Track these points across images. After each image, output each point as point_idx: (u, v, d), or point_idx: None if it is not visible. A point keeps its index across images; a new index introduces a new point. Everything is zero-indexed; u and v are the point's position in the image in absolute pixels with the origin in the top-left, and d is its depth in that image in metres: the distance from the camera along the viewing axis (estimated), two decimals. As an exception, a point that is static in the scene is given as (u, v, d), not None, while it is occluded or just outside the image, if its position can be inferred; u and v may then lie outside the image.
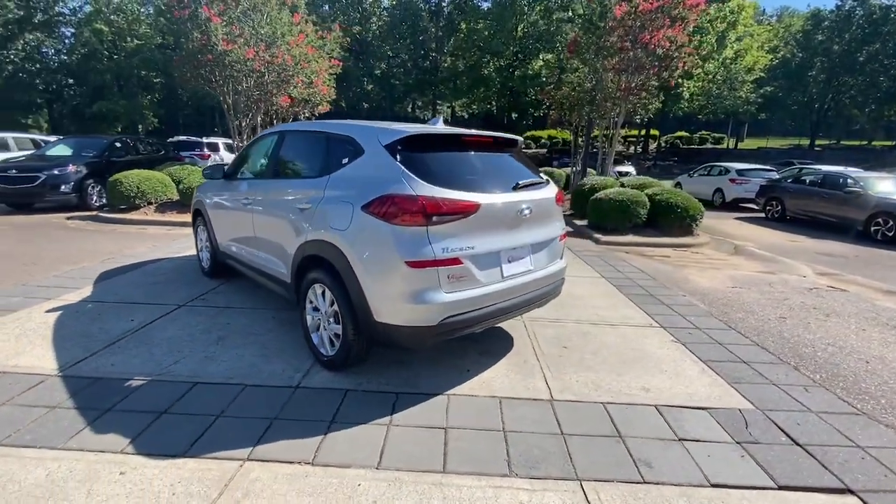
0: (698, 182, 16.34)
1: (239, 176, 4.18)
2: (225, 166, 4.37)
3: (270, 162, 3.73)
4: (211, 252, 4.72)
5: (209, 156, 16.15)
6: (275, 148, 3.71)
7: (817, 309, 4.64)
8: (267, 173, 3.75)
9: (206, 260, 4.93)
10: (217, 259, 4.62)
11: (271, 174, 3.68)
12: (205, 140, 17.64)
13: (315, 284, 2.90)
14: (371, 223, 2.47)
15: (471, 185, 2.65)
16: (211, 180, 4.57)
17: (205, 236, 4.80)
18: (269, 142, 3.83)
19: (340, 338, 2.77)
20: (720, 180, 15.21)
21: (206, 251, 4.85)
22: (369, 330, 2.59)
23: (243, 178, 4.11)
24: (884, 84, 36.30)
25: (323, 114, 13.02)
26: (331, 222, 2.71)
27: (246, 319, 3.79)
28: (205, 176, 4.51)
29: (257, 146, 4.07)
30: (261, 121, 11.53)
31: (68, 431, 2.27)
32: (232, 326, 3.64)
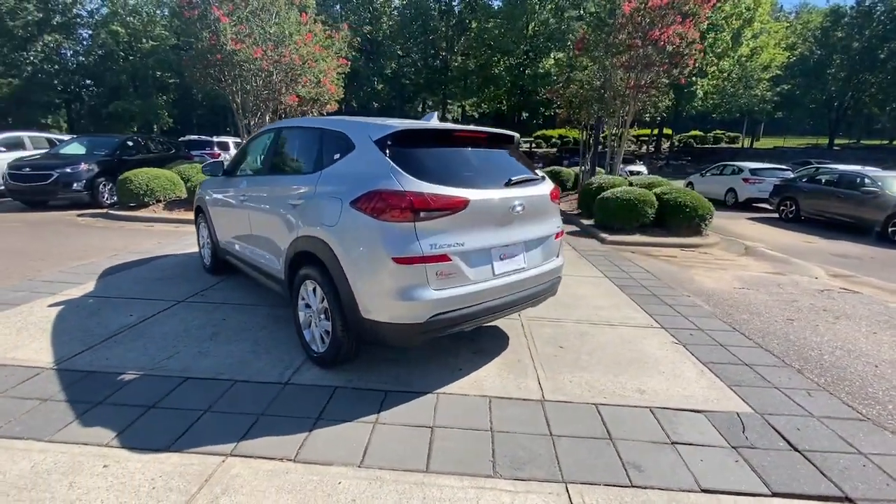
0: (710, 182, 16.05)
1: (238, 173, 4.20)
2: (225, 163, 4.39)
3: (266, 158, 3.74)
4: (212, 249, 4.75)
5: (219, 155, 16.30)
6: (271, 145, 3.72)
7: (827, 311, 4.50)
8: (263, 170, 3.76)
9: (207, 257, 4.96)
10: (217, 256, 4.65)
11: (267, 171, 3.68)
12: (215, 139, 17.86)
13: (306, 281, 2.89)
14: (359, 219, 2.45)
15: (461, 180, 2.61)
16: (212, 177, 4.61)
17: (206, 233, 4.84)
18: (266, 139, 3.84)
19: (330, 335, 2.75)
20: (733, 180, 14.91)
21: (208, 248, 4.89)
22: (357, 327, 2.57)
23: (241, 174, 4.13)
24: (905, 82, 35.29)
25: (331, 112, 13.07)
26: (321, 218, 2.69)
27: (242, 316, 3.81)
28: (204, 172, 4.54)
29: (255, 143, 4.08)
30: (269, 120, 11.60)
31: (57, 424, 2.29)
32: (228, 322, 3.66)
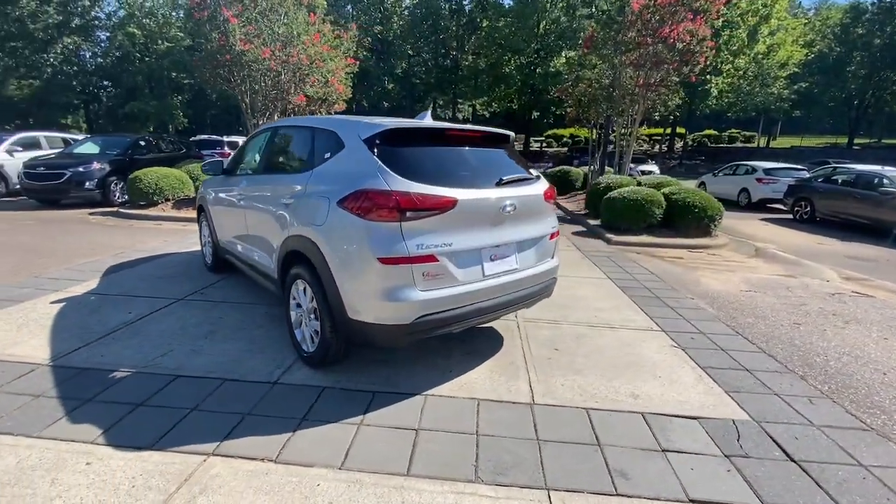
0: (723, 181, 15.73)
1: (237, 172, 4.22)
2: (224, 162, 4.42)
3: (262, 157, 3.75)
4: (212, 247, 4.79)
5: (229, 154, 16.50)
6: (266, 144, 3.73)
7: (837, 315, 4.36)
8: (259, 169, 3.77)
9: (208, 255, 5.01)
10: (218, 254, 4.69)
11: (263, 170, 3.70)
12: (225, 139, 18.08)
13: (297, 280, 2.89)
14: (345, 218, 2.43)
15: (451, 180, 2.57)
16: (213, 176, 4.65)
17: (207, 231, 4.87)
18: (262, 138, 3.85)
19: (319, 335, 2.74)
20: (746, 180, 14.58)
21: (209, 246, 4.93)
22: (345, 328, 2.55)
23: (239, 174, 4.15)
24: (929, 79, 34.28)
25: (339, 112, 13.12)
26: (310, 217, 2.68)
27: (239, 314, 3.82)
28: (203, 171, 4.58)
29: (252, 142, 4.10)
30: (278, 119, 11.71)
31: (46, 420, 2.31)
32: (224, 321, 3.68)
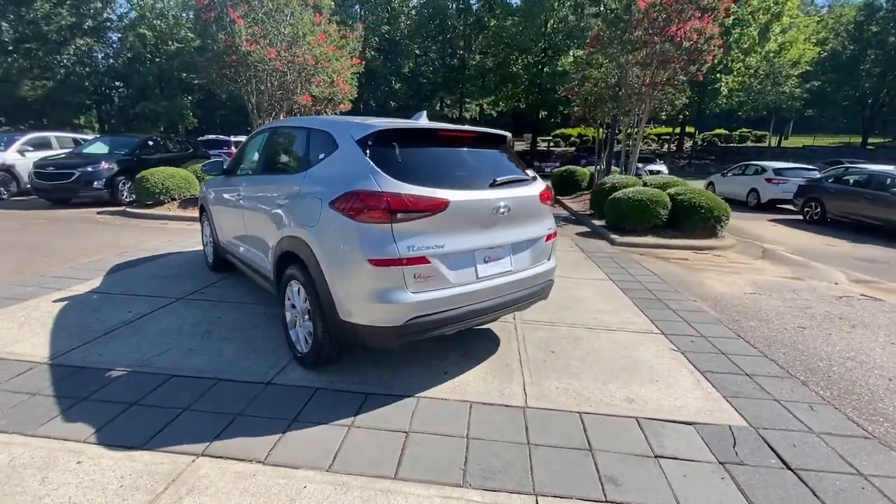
0: (732, 182, 15.54)
1: (237, 172, 4.24)
2: (224, 162, 4.45)
3: (260, 158, 3.77)
4: (213, 247, 4.82)
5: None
6: (264, 144, 3.74)
7: (843, 319, 4.27)
8: (257, 169, 3.79)
9: (209, 255, 5.04)
10: (218, 254, 4.71)
11: (260, 170, 3.71)
12: (232, 139, 18.25)
13: (292, 281, 2.89)
14: (336, 220, 2.43)
15: (444, 181, 2.56)
16: (215, 176, 4.67)
17: (208, 231, 4.91)
18: (260, 138, 3.87)
19: (312, 335, 2.74)
20: (755, 180, 14.38)
21: (210, 246, 4.96)
22: (337, 329, 2.55)
23: (238, 174, 4.17)
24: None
25: (345, 112, 13.16)
26: (303, 218, 2.68)
27: (237, 314, 3.84)
28: (203, 171, 4.61)
29: (251, 143, 4.12)
30: (283, 119, 11.77)
31: (41, 418, 2.33)
32: (222, 321, 3.69)
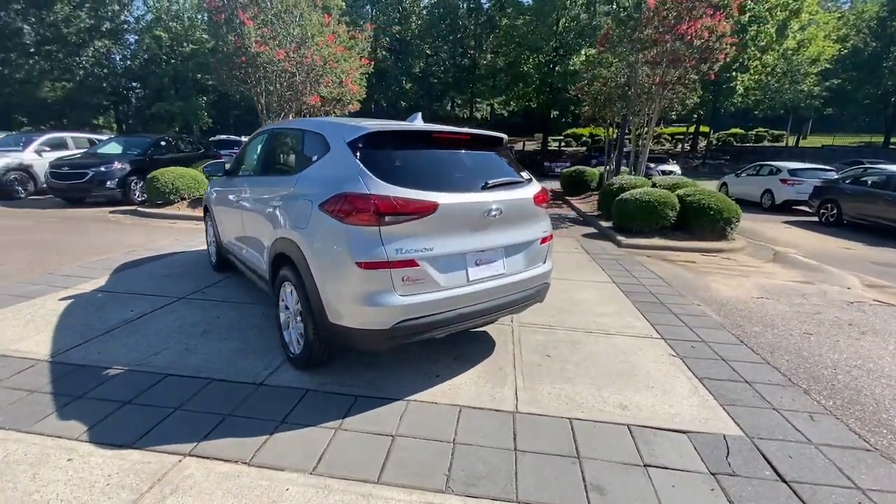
0: (745, 182, 15.21)
1: (239, 173, 4.29)
2: (226, 163, 4.49)
3: (259, 159, 3.80)
4: (216, 247, 4.88)
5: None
6: (263, 146, 3.77)
7: (853, 325, 4.15)
8: (256, 170, 3.82)
9: (213, 254, 5.10)
10: (221, 254, 4.77)
11: (259, 171, 3.75)
12: (243, 139, 18.45)
13: (285, 282, 2.90)
14: (326, 222, 2.43)
15: (435, 183, 2.54)
16: (219, 177, 4.73)
17: (211, 231, 4.97)
18: (260, 140, 3.90)
19: (304, 337, 2.75)
20: (770, 181, 14.05)
21: (213, 246, 5.03)
22: (326, 331, 2.55)
23: (239, 175, 4.21)
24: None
25: (354, 112, 13.22)
26: (295, 220, 2.70)
27: (236, 314, 3.88)
28: (205, 172, 4.67)
29: (251, 144, 4.16)
30: (292, 119, 11.87)
31: (38, 415, 2.38)
32: (221, 320, 3.73)
